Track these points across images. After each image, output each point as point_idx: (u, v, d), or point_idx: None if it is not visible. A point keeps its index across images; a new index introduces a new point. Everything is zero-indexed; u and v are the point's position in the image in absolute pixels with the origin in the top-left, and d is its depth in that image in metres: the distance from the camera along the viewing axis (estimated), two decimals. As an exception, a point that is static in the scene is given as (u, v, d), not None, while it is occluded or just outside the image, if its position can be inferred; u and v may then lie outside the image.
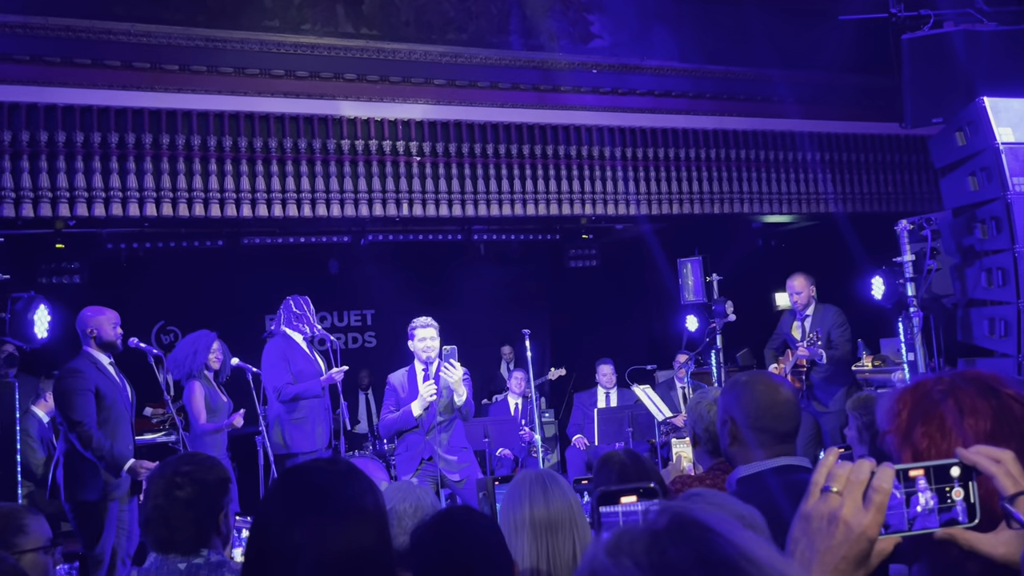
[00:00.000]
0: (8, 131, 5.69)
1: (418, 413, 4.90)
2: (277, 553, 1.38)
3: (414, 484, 2.50)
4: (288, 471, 1.51)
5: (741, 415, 2.17)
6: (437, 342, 4.98)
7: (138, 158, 6.03)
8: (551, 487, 2.18)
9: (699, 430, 2.93)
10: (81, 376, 4.65)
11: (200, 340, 5.59)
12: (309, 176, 6.51)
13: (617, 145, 7.44)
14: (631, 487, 1.09)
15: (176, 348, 5.72)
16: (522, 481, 2.23)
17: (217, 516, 2.15)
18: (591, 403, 7.82)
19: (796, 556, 1.04)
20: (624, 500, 1.09)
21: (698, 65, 7.71)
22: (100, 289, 6.94)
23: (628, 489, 1.09)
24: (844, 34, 7.18)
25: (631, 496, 1.09)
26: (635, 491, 1.09)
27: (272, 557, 1.38)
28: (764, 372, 2.44)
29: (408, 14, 6.82)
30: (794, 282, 6.40)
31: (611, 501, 1.08)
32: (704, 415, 2.93)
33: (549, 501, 2.14)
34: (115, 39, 5.95)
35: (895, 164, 8.49)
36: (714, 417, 2.92)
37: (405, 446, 5.05)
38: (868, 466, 1.03)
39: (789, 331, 6.51)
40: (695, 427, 2.96)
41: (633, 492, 1.09)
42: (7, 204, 5.65)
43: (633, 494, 1.09)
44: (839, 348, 6.19)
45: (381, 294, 8.63)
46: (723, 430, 2.23)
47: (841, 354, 6.21)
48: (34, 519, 2.22)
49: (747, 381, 2.25)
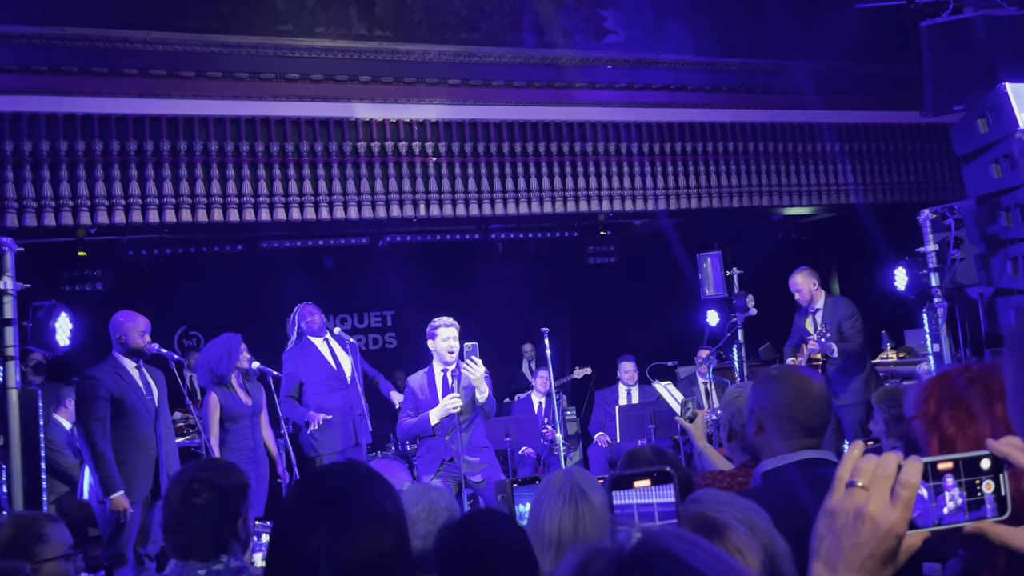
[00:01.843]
0: (28, 141, 5.75)
1: (435, 422, 4.84)
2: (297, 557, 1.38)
3: (429, 487, 2.48)
4: (307, 476, 1.52)
5: (771, 405, 2.17)
6: (459, 342, 4.95)
7: (156, 165, 6.07)
8: (581, 503, 2.09)
9: (735, 424, 2.90)
10: (95, 383, 4.74)
11: (231, 342, 5.60)
12: (326, 179, 6.52)
13: (634, 140, 7.40)
14: (644, 471, 1.07)
15: (206, 352, 5.67)
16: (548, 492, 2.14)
17: (236, 522, 2.15)
18: (612, 400, 7.78)
19: (821, 553, 1.01)
20: (638, 484, 1.06)
21: (714, 58, 7.65)
22: (122, 296, 6.99)
23: (641, 473, 1.06)
24: (862, 22, 7.10)
25: (645, 480, 1.07)
26: (648, 475, 1.06)
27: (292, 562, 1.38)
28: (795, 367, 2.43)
29: (421, 14, 6.82)
30: (794, 279, 6.42)
31: (624, 486, 1.06)
32: (742, 409, 2.90)
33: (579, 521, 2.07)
34: (131, 47, 6.00)
35: (916, 153, 8.39)
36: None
37: (426, 448, 5.03)
38: (895, 460, 1.00)
39: (802, 326, 6.47)
40: (731, 421, 2.92)
41: (647, 476, 1.07)
42: (29, 213, 5.72)
43: (647, 478, 1.06)
44: (851, 340, 6.15)
45: (400, 295, 8.63)
46: (750, 419, 2.23)
47: (853, 346, 6.17)
48: (54, 527, 2.23)
49: (779, 374, 2.25)
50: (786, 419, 2.13)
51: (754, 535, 1.32)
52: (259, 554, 3.03)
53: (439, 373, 4.98)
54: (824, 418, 2.18)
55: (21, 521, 2.20)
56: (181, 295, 8.09)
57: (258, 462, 5.54)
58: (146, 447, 4.89)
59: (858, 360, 6.29)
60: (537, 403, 7.98)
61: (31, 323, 4.62)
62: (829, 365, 6.19)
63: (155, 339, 5.11)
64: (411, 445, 6.91)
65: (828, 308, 6.30)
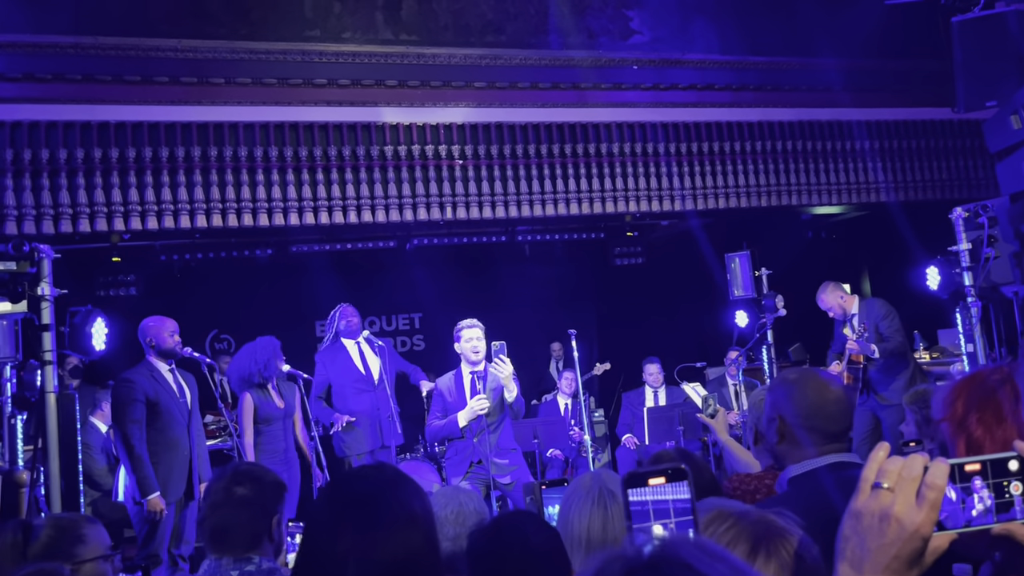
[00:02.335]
0: (64, 149, 5.87)
1: (464, 424, 4.86)
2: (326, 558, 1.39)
3: (458, 489, 2.49)
4: (336, 479, 1.54)
5: (791, 413, 2.11)
6: (484, 343, 4.97)
7: (188, 171, 6.16)
8: (610, 504, 2.08)
9: (761, 427, 2.88)
10: (130, 386, 4.84)
11: (274, 343, 5.66)
12: (354, 183, 6.58)
13: (660, 141, 7.37)
14: (659, 468, 1.06)
15: (245, 355, 5.68)
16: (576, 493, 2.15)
17: (271, 519, 2.19)
18: (639, 402, 7.76)
19: (847, 554, 1.01)
20: (652, 482, 1.06)
21: (740, 57, 7.60)
22: (155, 300, 7.11)
23: (656, 471, 1.06)
24: (891, 18, 7.02)
25: (659, 478, 1.06)
26: (663, 472, 1.06)
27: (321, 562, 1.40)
28: (813, 369, 2.39)
29: (446, 18, 6.86)
30: (820, 299, 6.51)
31: (638, 483, 1.06)
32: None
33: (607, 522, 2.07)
34: (162, 55, 6.10)
35: (948, 150, 8.27)
36: None
37: (454, 450, 5.04)
38: (921, 461, 1.00)
39: (843, 333, 6.45)
40: (757, 424, 2.90)
41: (661, 474, 1.06)
42: (65, 220, 5.84)
43: (661, 475, 1.06)
44: (890, 339, 6.10)
45: (428, 297, 8.68)
46: (770, 428, 2.17)
47: (893, 345, 6.11)
48: (93, 528, 2.27)
49: (796, 379, 2.19)
50: (807, 428, 2.09)
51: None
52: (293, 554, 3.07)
53: (467, 375, 5.00)
54: (845, 423, 2.13)
55: (61, 523, 2.26)
56: (212, 299, 8.21)
57: (290, 464, 5.60)
58: (179, 449, 4.97)
59: (900, 359, 6.24)
60: (563, 404, 7.98)
61: (68, 328, 4.71)
62: (871, 366, 6.16)
63: (186, 342, 5.19)
64: (439, 447, 6.94)
65: (863, 311, 6.26)
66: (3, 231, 5.67)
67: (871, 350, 5.98)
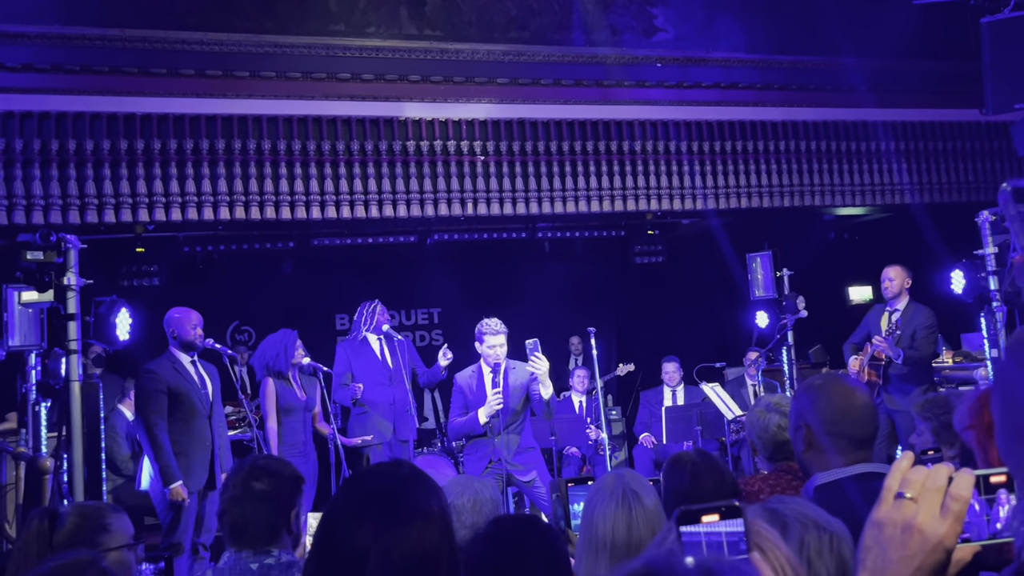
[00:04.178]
0: (90, 140, 5.93)
1: (484, 421, 4.89)
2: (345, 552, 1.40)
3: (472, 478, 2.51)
4: (353, 476, 1.54)
5: (816, 421, 2.08)
6: (505, 349, 4.98)
7: (212, 163, 6.21)
8: (635, 506, 2.08)
9: (753, 437, 2.90)
10: (153, 377, 4.91)
11: (287, 338, 5.71)
12: (376, 178, 6.60)
13: (683, 139, 7.34)
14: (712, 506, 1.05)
15: (263, 348, 5.77)
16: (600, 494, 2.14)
17: (289, 513, 2.21)
18: (657, 401, 7.74)
19: (868, 564, 1.01)
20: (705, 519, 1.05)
21: (765, 55, 7.54)
22: (177, 291, 7.17)
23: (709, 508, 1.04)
24: (919, 18, 6.94)
25: (713, 515, 1.05)
26: (717, 510, 1.05)
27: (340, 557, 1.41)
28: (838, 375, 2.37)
29: (471, 14, 6.85)
30: (892, 269, 6.27)
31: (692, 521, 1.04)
32: (756, 423, 2.90)
33: (632, 522, 2.06)
34: (188, 48, 6.14)
35: (975, 152, 8.17)
36: (766, 424, 2.88)
37: (474, 446, 5.06)
38: (946, 472, 0.99)
39: (876, 323, 6.34)
40: (750, 435, 2.92)
41: (715, 511, 1.05)
42: (90, 211, 5.90)
43: (715, 513, 1.05)
44: (919, 349, 6.01)
45: (447, 293, 8.70)
46: (796, 436, 2.14)
47: (920, 355, 6.03)
48: (117, 517, 2.30)
49: (821, 385, 2.15)
50: (833, 435, 2.05)
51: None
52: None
53: (487, 372, 5.01)
54: (871, 429, 2.10)
55: (86, 511, 2.28)
56: (234, 291, 8.26)
57: (308, 457, 5.65)
58: (201, 439, 5.03)
59: (923, 370, 6.15)
60: (577, 402, 7.97)
61: (93, 317, 4.77)
62: (892, 368, 6.09)
63: (207, 334, 5.23)
64: (457, 443, 6.95)
65: (908, 312, 6.18)
66: (30, 220, 5.74)
67: (898, 354, 5.92)
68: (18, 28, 5.74)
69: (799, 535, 1.37)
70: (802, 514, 1.41)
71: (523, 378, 4.95)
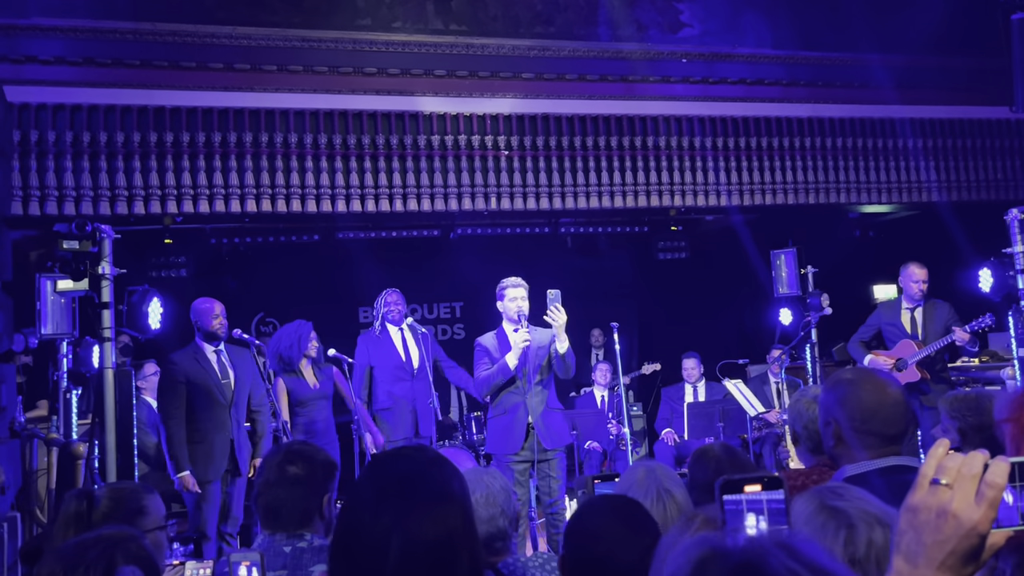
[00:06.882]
0: (121, 132, 6.02)
1: (513, 363, 4.79)
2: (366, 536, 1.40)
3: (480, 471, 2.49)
4: (376, 458, 1.55)
5: (845, 417, 2.04)
6: (527, 303, 4.95)
7: (239, 156, 6.28)
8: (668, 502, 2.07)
9: (798, 428, 2.85)
10: (173, 367, 5.05)
11: (302, 328, 5.78)
12: (400, 172, 6.64)
13: (708, 135, 7.32)
14: (755, 476, 1.10)
15: (277, 338, 5.86)
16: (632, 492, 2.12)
17: (322, 497, 2.25)
18: (678, 397, 7.74)
19: (902, 548, 1.02)
20: (748, 489, 1.09)
21: (792, 51, 7.51)
22: (204, 282, 7.25)
23: (752, 478, 1.09)
24: (947, 14, 6.88)
25: (755, 485, 1.09)
26: (759, 480, 1.09)
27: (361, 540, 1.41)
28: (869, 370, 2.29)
29: (496, 9, 6.88)
30: (922, 271, 6.23)
31: (735, 490, 1.09)
32: (803, 412, 2.85)
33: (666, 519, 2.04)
34: (218, 42, 6.21)
35: (1004, 150, 8.08)
36: (814, 415, 2.80)
37: (502, 408, 4.92)
38: (981, 459, 1.01)
39: (893, 322, 6.30)
40: (794, 425, 2.87)
41: (757, 481, 1.09)
42: (121, 202, 6.00)
43: (757, 483, 1.09)
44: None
45: (470, 287, 8.72)
46: (826, 431, 2.10)
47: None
48: (152, 499, 2.35)
49: (852, 379, 2.10)
50: (864, 432, 2.01)
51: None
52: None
53: (510, 332, 4.96)
54: (903, 425, 2.05)
55: (122, 493, 2.33)
56: (259, 282, 8.34)
57: (329, 444, 5.70)
58: (221, 427, 5.11)
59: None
60: (599, 397, 7.98)
61: (126, 307, 4.86)
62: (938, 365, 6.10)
63: (233, 325, 5.31)
64: (478, 435, 6.98)
65: (932, 309, 6.16)
66: (62, 211, 5.84)
67: (974, 343, 5.94)
68: (51, 22, 5.84)
69: (866, 535, 1.37)
70: (864, 511, 1.41)
71: (544, 339, 4.92)
